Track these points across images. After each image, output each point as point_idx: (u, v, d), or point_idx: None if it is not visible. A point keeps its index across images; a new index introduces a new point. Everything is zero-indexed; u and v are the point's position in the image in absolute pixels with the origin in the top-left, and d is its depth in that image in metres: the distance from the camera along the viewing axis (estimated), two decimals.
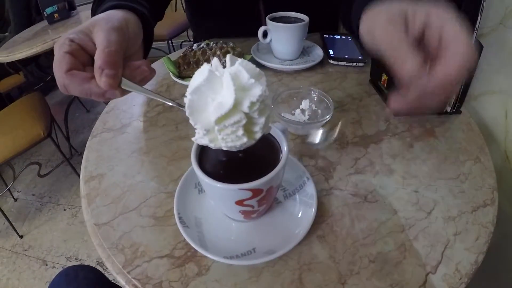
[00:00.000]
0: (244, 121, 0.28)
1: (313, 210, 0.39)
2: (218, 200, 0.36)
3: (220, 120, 0.28)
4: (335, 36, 0.86)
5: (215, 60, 0.30)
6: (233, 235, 0.39)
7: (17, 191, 1.84)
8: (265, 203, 0.35)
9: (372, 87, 0.67)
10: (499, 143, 0.60)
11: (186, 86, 0.29)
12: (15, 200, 1.78)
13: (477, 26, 0.49)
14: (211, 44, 0.73)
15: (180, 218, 0.39)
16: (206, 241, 0.37)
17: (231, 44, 0.74)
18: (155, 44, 0.70)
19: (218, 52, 0.70)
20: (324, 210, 0.43)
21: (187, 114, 0.29)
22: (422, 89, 0.29)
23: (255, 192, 0.31)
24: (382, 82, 0.63)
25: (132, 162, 0.53)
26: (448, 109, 0.58)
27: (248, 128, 0.29)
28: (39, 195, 1.80)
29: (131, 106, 0.68)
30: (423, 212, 0.43)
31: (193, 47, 0.73)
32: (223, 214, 0.40)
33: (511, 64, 0.56)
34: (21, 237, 1.58)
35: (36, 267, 1.45)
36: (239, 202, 0.32)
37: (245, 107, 0.28)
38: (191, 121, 0.29)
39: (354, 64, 0.74)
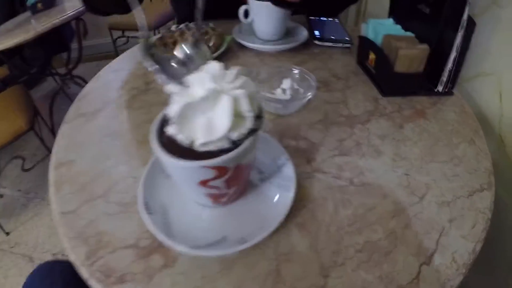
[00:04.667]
0: (226, 146, 0.28)
1: (291, 194, 0.35)
2: (181, 182, 0.32)
3: (205, 144, 0.27)
4: (321, 19, 0.82)
5: (216, 65, 0.29)
6: (202, 223, 0.35)
7: (3, 187, 1.79)
8: (235, 185, 0.32)
9: (359, 68, 0.64)
10: (493, 127, 0.58)
11: None
12: (1, 196, 1.74)
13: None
14: (190, 25, 0.69)
15: (146, 204, 0.35)
16: (172, 229, 0.34)
17: (210, 25, 0.70)
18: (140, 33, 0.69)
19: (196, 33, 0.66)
20: (304, 195, 0.39)
21: (173, 120, 0.28)
22: None
23: (220, 170, 0.28)
24: (369, 62, 0.60)
25: (103, 147, 0.50)
26: (440, 88, 0.54)
27: None
28: (25, 191, 1.76)
29: (106, 90, 0.65)
30: (415, 196, 0.40)
31: (172, 29, 0.70)
32: (193, 201, 0.37)
33: (505, 45, 0.54)
34: (8, 234, 1.55)
35: (22, 264, 1.43)
36: (203, 183, 0.29)
37: (234, 135, 0.27)
38: (173, 128, 0.28)
39: (340, 45, 0.71)
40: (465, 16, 0.47)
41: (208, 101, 0.27)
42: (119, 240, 0.36)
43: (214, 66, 0.29)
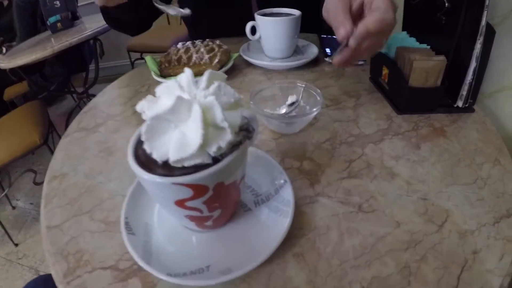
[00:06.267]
0: (206, 162, 0.24)
1: (287, 220, 0.31)
2: (158, 200, 0.30)
3: (179, 161, 0.24)
4: (334, 37, 0.79)
5: (186, 73, 0.26)
6: (185, 248, 0.32)
7: (16, 199, 1.84)
8: (219, 208, 0.28)
9: (372, 85, 0.61)
10: None
11: None
12: (13, 208, 1.79)
13: (487, 3, 0.42)
14: (196, 42, 0.68)
15: (126, 223, 0.32)
16: (152, 252, 0.31)
17: (217, 41, 0.69)
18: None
19: (202, 49, 0.65)
20: (305, 222, 0.35)
21: (142, 139, 0.25)
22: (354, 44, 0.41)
23: (197, 189, 0.24)
24: (383, 77, 0.56)
25: (96, 162, 0.49)
26: (460, 104, 0.50)
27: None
28: (37, 204, 1.79)
29: (109, 106, 0.65)
30: (433, 224, 0.35)
31: (178, 46, 0.69)
32: (179, 223, 0.33)
33: None
34: (16, 245, 1.59)
35: (28, 276, 1.45)
36: (180, 203, 0.25)
37: (211, 149, 0.24)
38: (145, 146, 0.25)
39: None
40: (483, 22, 0.43)
41: (179, 112, 0.24)
42: (99, 260, 0.35)
43: (186, 73, 0.27)
